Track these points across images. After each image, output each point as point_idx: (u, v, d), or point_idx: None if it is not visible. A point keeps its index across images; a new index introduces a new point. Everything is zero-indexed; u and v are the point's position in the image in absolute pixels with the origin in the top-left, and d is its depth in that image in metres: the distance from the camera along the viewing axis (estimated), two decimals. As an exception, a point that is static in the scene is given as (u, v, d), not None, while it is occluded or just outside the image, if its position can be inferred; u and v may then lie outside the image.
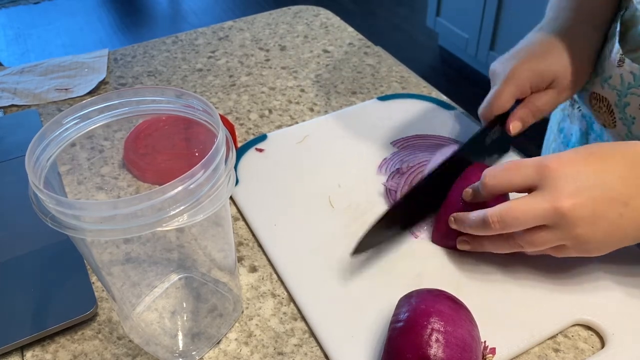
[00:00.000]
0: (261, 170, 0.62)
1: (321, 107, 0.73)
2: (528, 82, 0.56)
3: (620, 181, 0.42)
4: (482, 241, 0.48)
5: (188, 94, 0.40)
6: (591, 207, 0.42)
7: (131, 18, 3.10)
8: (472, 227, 0.47)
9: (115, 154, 0.59)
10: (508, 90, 0.55)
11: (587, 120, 0.65)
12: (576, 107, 0.67)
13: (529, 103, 0.57)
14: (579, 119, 0.67)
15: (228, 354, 0.45)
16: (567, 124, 0.70)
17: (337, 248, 0.52)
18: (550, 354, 0.44)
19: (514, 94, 0.56)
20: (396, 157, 0.61)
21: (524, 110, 0.57)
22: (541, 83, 0.56)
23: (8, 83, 0.79)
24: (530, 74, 0.55)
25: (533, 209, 0.42)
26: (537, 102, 0.57)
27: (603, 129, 0.61)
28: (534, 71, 0.55)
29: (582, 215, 0.42)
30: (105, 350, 0.45)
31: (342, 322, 0.46)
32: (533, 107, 0.57)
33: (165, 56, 0.85)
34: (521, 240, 0.45)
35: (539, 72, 0.55)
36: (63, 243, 0.52)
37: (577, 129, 0.67)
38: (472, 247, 0.49)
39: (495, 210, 0.44)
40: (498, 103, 0.56)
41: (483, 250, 0.48)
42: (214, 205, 0.36)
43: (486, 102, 0.57)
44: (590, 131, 0.65)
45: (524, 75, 0.55)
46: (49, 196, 0.31)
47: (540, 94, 0.57)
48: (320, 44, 0.87)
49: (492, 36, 2.18)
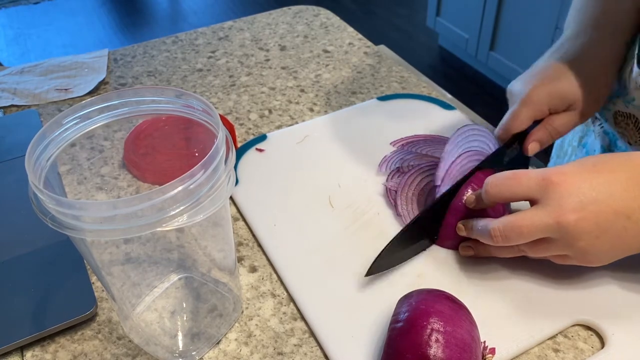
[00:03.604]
0: (261, 170, 0.62)
1: (321, 107, 0.73)
2: (546, 105, 0.55)
3: (624, 194, 0.42)
4: (487, 247, 0.48)
5: (188, 94, 0.40)
6: (595, 220, 0.42)
7: (131, 18, 3.10)
8: (479, 235, 0.47)
9: (115, 154, 0.59)
10: (525, 112, 0.55)
11: (610, 138, 0.63)
12: (597, 124, 0.66)
13: (547, 124, 0.56)
14: (601, 136, 0.65)
15: (228, 354, 0.45)
16: (590, 139, 0.68)
17: (337, 248, 0.52)
18: (550, 354, 0.44)
19: (531, 116, 0.55)
20: (396, 156, 0.61)
21: (543, 131, 0.56)
22: (560, 105, 0.55)
23: (8, 83, 0.79)
24: (549, 98, 0.55)
25: (536, 224, 0.43)
26: (555, 124, 0.56)
27: (628, 147, 0.60)
28: (553, 94, 0.55)
29: (586, 229, 0.42)
30: (105, 350, 0.45)
31: (342, 322, 0.46)
32: (551, 128, 0.56)
33: (165, 56, 0.85)
34: (524, 250, 0.46)
35: (558, 95, 0.55)
36: (63, 243, 0.52)
37: (598, 145, 0.66)
38: (476, 253, 0.50)
39: (498, 224, 0.45)
40: (515, 125, 0.55)
41: (488, 255, 0.49)
42: (214, 206, 0.36)
43: (503, 123, 0.57)
44: (614, 148, 0.63)
45: (542, 98, 0.55)
46: (49, 196, 0.31)
47: (559, 116, 0.56)
48: (320, 44, 0.87)
49: (492, 36, 2.18)
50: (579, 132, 0.72)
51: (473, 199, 0.49)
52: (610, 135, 0.63)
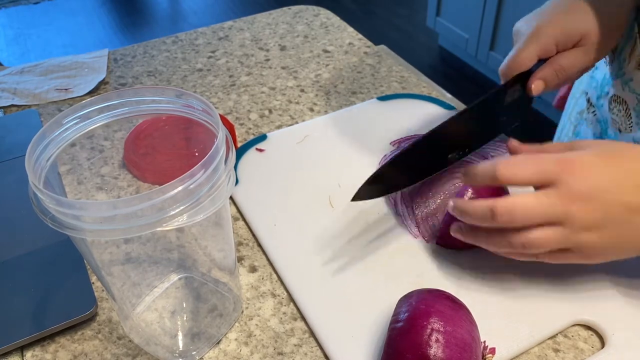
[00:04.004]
0: (261, 170, 0.62)
1: (321, 107, 0.73)
2: (553, 40, 0.52)
3: (634, 189, 0.41)
4: (478, 233, 0.45)
5: (188, 94, 0.40)
6: (603, 210, 0.41)
7: (131, 18, 3.10)
8: (475, 216, 0.44)
9: (115, 154, 0.59)
10: (531, 47, 0.52)
11: (602, 126, 0.63)
12: (591, 111, 0.65)
13: (553, 62, 0.53)
14: (594, 124, 0.65)
15: (228, 354, 0.45)
16: (583, 128, 0.68)
17: (337, 248, 0.52)
18: (550, 354, 0.44)
19: (537, 53, 0.52)
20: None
21: (548, 69, 0.53)
22: (568, 41, 0.52)
23: (8, 83, 0.79)
24: (556, 32, 0.52)
25: (544, 206, 0.41)
26: (562, 61, 0.53)
27: (617, 134, 0.59)
28: (560, 29, 0.52)
29: (593, 218, 0.41)
30: (105, 350, 0.45)
31: (342, 322, 0.46)
32: (557, 66, 0.53)
33: (165, 56, 0.85)
34: (521, 238, 0.42)
35: (566, 30, 0.52)
36: (63, 243, 0.52)
37: (590, 133, 0.65)
38: (464, 237, 0.46)
39: (504, 201, 0.42)
40: (519, 60, 0.52)
41: (475, 242, 0.46)
42: (214, 205, 0.36)
43: (507, 60, 0.53)
44: (604, 137, 0.63)
45: (549, 32, 0.51)
46: (49, 196, 0.31)
47: (566, 53, 0.53)
48: (320, 44, 0.87)
49: (492, 36, 2.18)
50: (574, 122, 0.71)
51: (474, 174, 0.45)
52: (602, 123, 0.63)
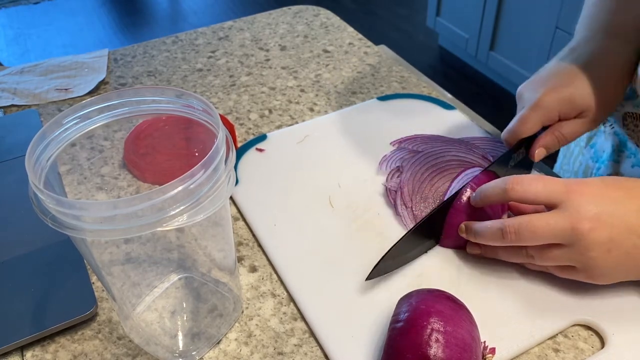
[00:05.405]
0: (261, 170, 0.62)
1: (321, 107, 0.73)
2: (556, 111, 0.54)
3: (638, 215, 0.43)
4: (496, 249, 0.48)
5: (188, 94, 0.40)
6: (608, 233, 0.42)
7: (131, 18, 3.10)
8: (485, 237, 0.47)
9: (115, 154, 0.59)
10: (535, 116, 0.54)
11: (620, 138, 0.63)
12: (608, 125, 0.66)
13: (555, 130, 0.55)
14: (612, 136, 0.65)
15: (228, 354, 0.45)
16: (600, 140, 0.68)
17: (337, 248, 0.52)
18: (550, 354, 0.44)
19: (541, 121, 0.55)
20: (397, 155, 0.62)
21: (550, 137, 0.55)
22: (570, 112, 0.54)
23: (8, 83, 0.79)
24: (559, 104, 0.54)
25: (552, 226, 0.43)
26: (563, 130, 0.55)
27: (637, 148, 0.60)
28: (564, 100, 0.54)
29: (599, 240, 0.42)
30: (105, 350, 0.45)
31: (342, 322, 0.46)
32: (559, 135, 0.55)
33: (165, 56, 0.85)
34: (533, 252, 0.45)
35: (569, 102, 0.54)
36: (63, 243, 0.52)
37: (609, 145, 0.66)
38: (483, 253, 0.49)
39: (512, 221, 0.45)
40: (523, 129, 0.55)
41: (495, 257, 0.49)
42: (214, 205, 0.36)
43: (511, 127, 0.56)
44: (623, 148, 0.63)
45: (553, 104, 0.54)
46: (49, 196, 0.31)
47: (569, 122, 0.55)
48: (320, 44, 0.87)
49: (492, 36, 2.18)
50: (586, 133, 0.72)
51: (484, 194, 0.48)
52: (621, 136, 0.63)
